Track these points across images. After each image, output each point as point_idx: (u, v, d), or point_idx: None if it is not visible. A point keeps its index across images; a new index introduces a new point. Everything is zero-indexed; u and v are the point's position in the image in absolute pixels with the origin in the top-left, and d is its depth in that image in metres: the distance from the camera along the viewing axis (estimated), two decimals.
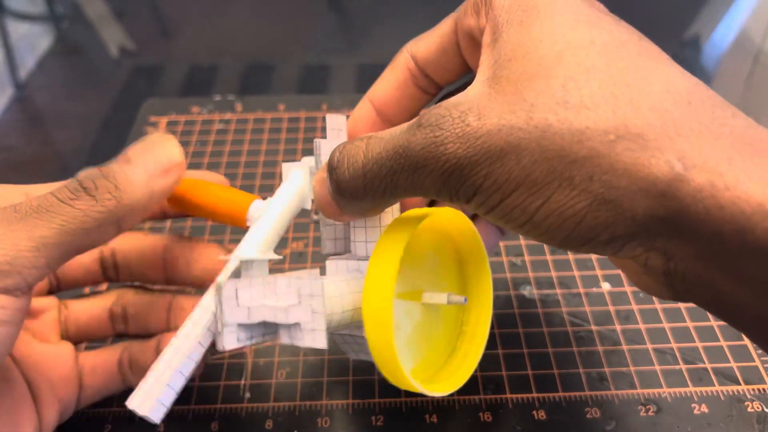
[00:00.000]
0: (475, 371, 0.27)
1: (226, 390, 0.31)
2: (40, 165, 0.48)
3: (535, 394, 0.30)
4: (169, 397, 0.22)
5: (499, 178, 0.18)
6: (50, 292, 0.28)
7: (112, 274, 0.29)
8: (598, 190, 0.17)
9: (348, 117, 0.27)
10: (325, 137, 0.25)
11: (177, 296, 0.28)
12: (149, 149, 0.23)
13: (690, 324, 0.33)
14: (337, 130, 0.26)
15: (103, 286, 0.34)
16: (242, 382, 0.32)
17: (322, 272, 0.26)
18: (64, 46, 0.66)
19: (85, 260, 0.28)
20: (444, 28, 0.25)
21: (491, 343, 0.33)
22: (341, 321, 0.23)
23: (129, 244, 0.28)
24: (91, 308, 0.28)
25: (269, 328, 0.24)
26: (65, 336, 0.28)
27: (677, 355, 0.32)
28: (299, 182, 0.26)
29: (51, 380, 0.26)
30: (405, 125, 0.20)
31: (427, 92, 0.27)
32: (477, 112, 0.18)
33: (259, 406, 0.30)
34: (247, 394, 0.31)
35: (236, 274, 0.24)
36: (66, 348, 0.27)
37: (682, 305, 0.34)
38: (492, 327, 0.34)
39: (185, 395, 0.31)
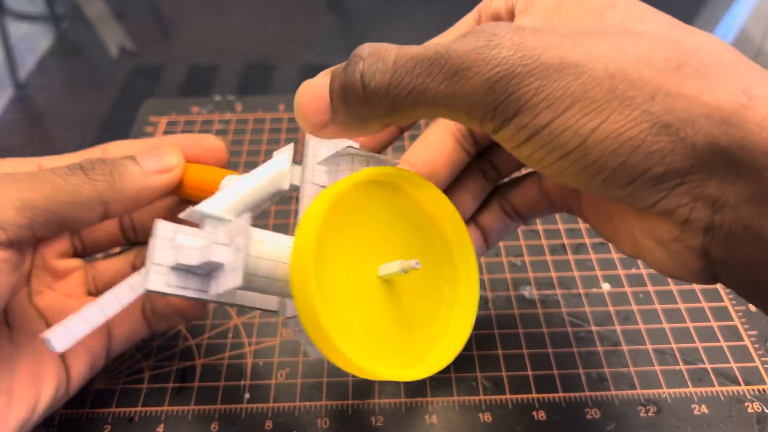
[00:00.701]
0: (475, 371, 0.27)
1: (226, 390, 0.31)
2: None
3: (535, 395, 0.30)
4: (80, 328, 0.22)
5: (552, 93, 0.16)
6: (75, 255, 0.30)
7: (131, 235, 0.30)
8: (660, 113, 0.16)
9: None
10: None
11: None
12: (152, 152, 0.25)
13: (690, 324, 0.33)
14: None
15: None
16: (242, 382, 0.32)
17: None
18: (64, 46, 0.66)
19: (107, 224, 0.30)
20: (465, 24, 0.25)
21: (491, 344, 0.33)
22: (273, 272, 0.22)
23: (143, 210, 0.29)
24: (114, 265, 0.30)
25: (204, 284, 0.23)
26: (92, 293, 0.29)
27: (677, 355, 0.32)
28: (279, 164, 0.26)
29: None
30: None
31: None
32: (535, 29, 0.17)
33: (259, 407, 0.30)
34: (247, 395, 0.31)
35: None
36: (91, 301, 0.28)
37: (682, 305, 0.34)
38: (492, 327, 0.34)
39: (185, 395, 0.31)
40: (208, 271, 0.22)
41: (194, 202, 0.27)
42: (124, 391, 0.31)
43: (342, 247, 0.22)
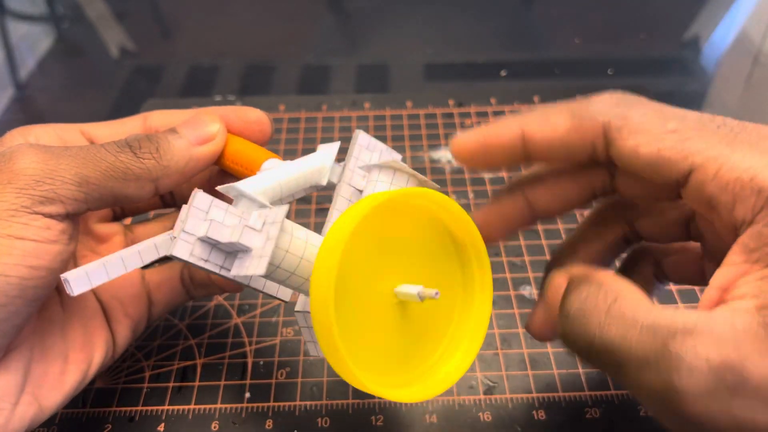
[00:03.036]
0: (475, 371, 0.27)
1: (227, 389, 0.31)
2: None
3: (535, 394, 0.30)
4: (98, 276, 0.22)
5: None
6: (115, 218, 0.30)
7: (168, 200, 0.31)
8: None
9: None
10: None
11: None
12: (192, 122, 0.26)
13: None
14: (366, 148, 0.26)
15: (168, 211, 0.35)
16: (243, 381, 0.32)
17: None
18: (64, 46, 0.66)
19: None
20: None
21: (491, 344, 0.33)
22: (297, 268, 0.22)
23: None
24: (153, 229, 0.30)
25: (230, 261, 0.23)
26: None
27: None
28: (323, 159, 0.26)
29: (121, 299, 0.28)
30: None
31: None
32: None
33: (260, 406, 0.31)
34: (248, 394, 0.31)
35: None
36: None
37: (681, 305, 0.34)
38: (492, 327, 0.34)
39: (186, 394, 0.31)
40: (233, 250, 0.22)
41: (232, 176, 0.27)
42: (125, 391, 0.31)
43: (364, 262, 0.22)
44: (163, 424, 0.30)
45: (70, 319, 0.26)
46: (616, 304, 0.18)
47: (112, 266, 0.22)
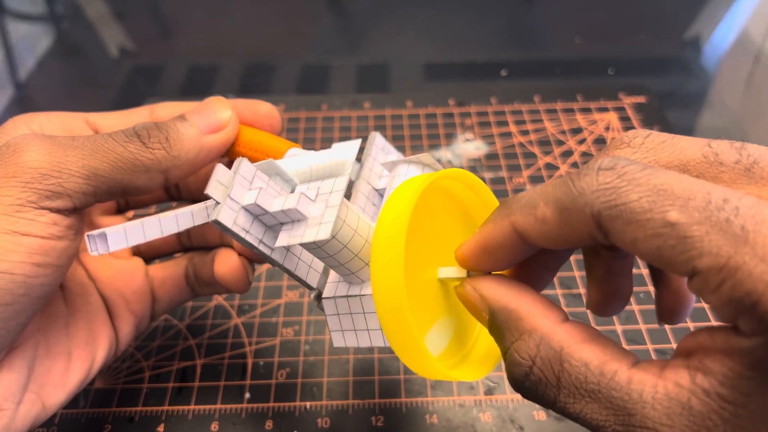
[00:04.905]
0: None
1: (227, 390, 0.31)
2: None
3: None
4: (136, 235, 0.22)
5: None
6: (118, 211, 0.30)
7: (174, 193, 0.30)
8: None
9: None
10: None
11: None
12: (202, 110, 0.25)
13: (690, 324, 0.33)
14: (381, 149, 0.26)
15: (172, 205, 0.35)
16: (242, 382, 0.32)
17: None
18: (64, 46, 0.66)
19: None
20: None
21: None
22: (350, 241, 0.21)
23: None
24: None
25: (269, 235, 0.22)
26: (136, 252, 0.30)
27: None
28: (346, 154, 0.25)
29: (125, 294, 0.28)
30: None
31: None
32: None
33: (260, 406, 0.30)
34: (248, 394, 0.31)
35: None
36: (137, 263, 0.29)
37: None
38: None
39: (186, 395, 0.31)
40: (279, 222, 0.21)
41: None
42: (125, 391, 0.31)
43: (414, 244, 0.21)
44: (162, 425, 0.30)
45: (73, 315, 0.26)
46: (564, 372, 0.17)
47: (149, 227, 0.22)
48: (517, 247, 0.19)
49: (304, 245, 0.20)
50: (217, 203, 0.20)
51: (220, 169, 0.20)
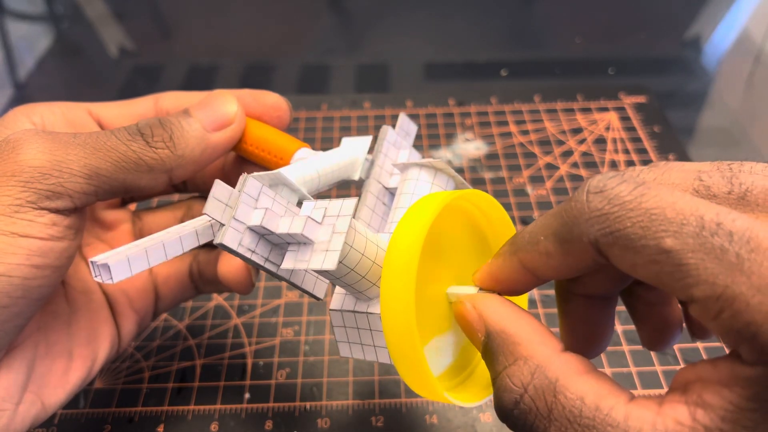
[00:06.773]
0: None
1: (226, 390, 0.31)
2: None
3: None
4: (140, 263, 0.20)
5: None
6: (123, 203, 0.29)
7: (180, 186, 0.29)
8: None
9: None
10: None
11: None
12: (207, 104, 0.24)
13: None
14: (405, 133, 0.25)
15: (175, 197, 0.34)
16: (242, 382, 0.32)
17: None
18: (64, 46, 0.66)
19: None
20: None
21: None
22: (357, 265, 0.21)
23: None
24: (163, 219, 0.29)
25: (275, 253, 0.22)
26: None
27: (678, 355, 0.32)
28: (356, 153, 0.25)
29: (128, 292, 0.27)
30: None
31: None
32: None
33: (259, 407, 0.30)
34: (247, 395, 0.31)
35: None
36: None
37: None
38: None
39: (185, 395, 0.31)
40: (285, 242, 0.21)
41: (250, 162, 0.26)
42: (124, 391, 0.31)
43: (426, 263, 0.21)
44: (162, 425, 0.30)
45: (75, 313, 0.25)
46: (558, 404, 0.16)
47: (153, 253, 0.21)
48: (530, 281, 0.19)
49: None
50: (221, 225, 0.20)
51: (218, 186, 0.20)
